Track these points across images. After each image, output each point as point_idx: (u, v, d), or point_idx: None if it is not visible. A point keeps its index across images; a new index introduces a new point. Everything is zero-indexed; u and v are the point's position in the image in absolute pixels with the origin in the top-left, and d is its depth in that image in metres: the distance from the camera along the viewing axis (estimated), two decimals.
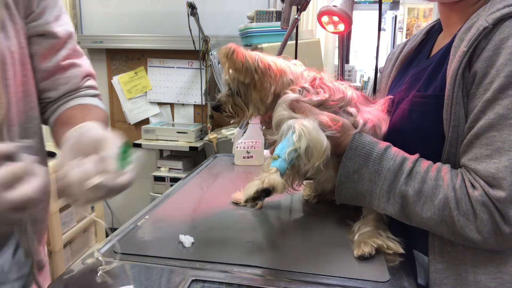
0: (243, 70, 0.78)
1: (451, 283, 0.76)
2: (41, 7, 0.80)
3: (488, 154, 0.69)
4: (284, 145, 0.75)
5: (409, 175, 0.74)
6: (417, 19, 4.29)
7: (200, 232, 0.85)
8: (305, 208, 1.05)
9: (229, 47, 0.76)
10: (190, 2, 2.56)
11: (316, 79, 0.85)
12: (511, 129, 0.67)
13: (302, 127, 0.76)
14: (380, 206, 0.78)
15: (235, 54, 0.76)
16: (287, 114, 0.80)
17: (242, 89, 0.83)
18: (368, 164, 0.77)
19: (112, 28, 2.95)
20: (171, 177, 2.72)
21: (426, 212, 0.72)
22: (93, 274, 0.69)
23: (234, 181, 1.26)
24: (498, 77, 0.68)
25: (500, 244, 0.70)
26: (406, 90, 0.89)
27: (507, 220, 0.67)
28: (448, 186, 0.71)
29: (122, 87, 3.06)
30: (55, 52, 0.83)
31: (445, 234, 0.73)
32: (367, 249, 0.77)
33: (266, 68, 0.80)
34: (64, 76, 0.85)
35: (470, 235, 0.69)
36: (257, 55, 0.81)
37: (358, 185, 0.79)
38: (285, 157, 0.73)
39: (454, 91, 0.73)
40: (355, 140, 0.79)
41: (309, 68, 0.89)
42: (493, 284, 0.73)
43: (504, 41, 0.69)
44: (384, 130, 0.87)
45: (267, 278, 0.69)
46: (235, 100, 0.85)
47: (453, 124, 0.74)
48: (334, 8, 1.33)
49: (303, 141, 0.74)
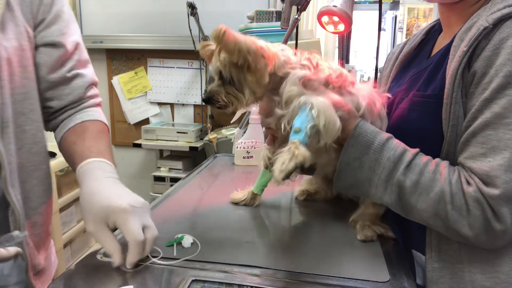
0: (235, 50, 0.75)
1: (448, 282, 0.76)
2: (52, 15, 0.82)
3: (483, 153, 0.69)
4: (304, 119, 0.74)
5: (408, 166, 0.75)
6: (417, 19, 4.30)
7: (200, 232, 0.85)
8: (305, 208, 1.05)
9: (220, 28, 0.73)
10: (190, 2, 2.56)
11: (311, 59, 0.85)
12: (507, 128, 0.68)
13: (319, 103, 0.75)
14: (377, 195, 0.78)
15: (226, 35, 0.74)
16: (298, 89, 0.79)
17: (235, 74, 0.80)
18: (369, 152, 0.77)
19: (112, 28, 2.95)
20: (171, 177, 2.72)
21: (422, 204, 0.73)
22: (93, 274, 0.69)
23: (234, 181, 1.26)
24: (496, 77, 0.69)
25: (492, 242, 0.70)
26: (406, 90, 0.89)
27: (499, 217, 0.67)
28: (445, 180, 0.71)
29: (122, 87, 3.06)
30: (62, 64, 0.85)
31: (439, 228, 0.74)
32: (370, 233, 0.84)
33: (259, 48, 0.77)
34: (68, 87, 0.87)
35: (463, 230, 0.70)
36: (249, 37, 0.78)
37: (358, 172, 0.79)
38: (307, 131, 0.73)
39: (453, 91, 0.73)
40: (358, 128, 0.79)
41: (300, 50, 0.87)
42: (489, 283, 0.73)
43: (503, 41, 0.69)
44: (379, 108, 0.87)
45: (267, 278, 0.69)
46: (227, 89, 0.82)
47: (452, 123, 0.74)
48: (334, 8, 1.33)
49: (322, 118, 0.74)
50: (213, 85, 0.83)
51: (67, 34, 0.84)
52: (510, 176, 0.66)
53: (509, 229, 0.67)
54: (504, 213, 0.67)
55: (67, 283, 0.67)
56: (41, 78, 0.83)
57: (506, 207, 0.66)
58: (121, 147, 3.12)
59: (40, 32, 0.81)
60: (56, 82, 0.85)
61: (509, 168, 0.66)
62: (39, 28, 0.80)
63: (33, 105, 0.81)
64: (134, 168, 3.18)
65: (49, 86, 0.84)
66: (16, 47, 0.75)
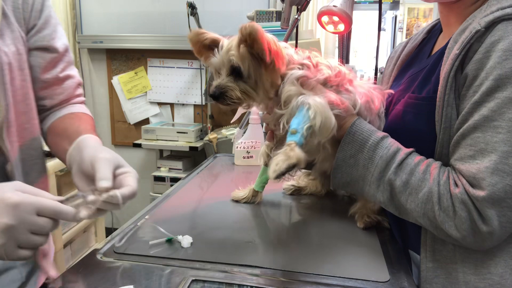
0: (265, 48, 0.75)
1: (442, 282, 0.77)
2: (42, 21, 0.86)
3: (472, 155, 0.70)
4: (300, 120, 0.76)
5: (399, 165, 0.75)
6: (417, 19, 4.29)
7: (200, 232, 0.85)
8: (305, 208, 1.05)
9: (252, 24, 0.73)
10: (190, 2, 2.56)
11: (311, 57, 0.86)
12: (494, 131, 0.68)
13: (316, 103, 0.77)
14: (370, 192, 0.79)
15: (259, 34, 0.74)
16: (296, 89, 0.80)
17: (253, 70, 0.79)
18: (363, 150, 0.79)
19: (112, 28, 2.95)
20: (171, 177, 2.72)
21: (411, 204, 0.74)
22: (93, 274, 0.69)
23: (234, 181, 1.26)
24: (487, 80, 0.69)
25: (479, 243, 0.70)
26: (403, 91, 0.90)
27: (485, 219, 0.67)
28: (434, 181, 0.72)
29: (122, 87, 3.06)
30: (54, 65, 0.90)
31: (428, 227, 0.75)
32: (368, 219, 0.88)
33: (279, 50, 0.79)
34: (60, 87, 0.93)
35: (450, 231, 0.70)
36: (272, 37, 0.79)
37: (353, 170, 0.80)
38: (303, 132, 0.75)
39: (445, 93, 0.74)
40: (354, 126, 0.81)
41: (301, 49, 0.88)
42: (482, 284, 0.73)
43: (494, 44, 0.69)
44: (378, 106, 0.88)
45: (267, 278, 0.69)
46: (241, 86, 0.81)
47: (445, 126, 0.75)
48: (334, 8, 1.33)
49: (318, 118, 0.76)
50: (224, 80, 0.81)
51: (57, 38, 0.90)
52: (496, 179, 0.66)
53: (496, 231, 0.67)
54: (490, 215, 0.67)
55: (67, 283, 0.67)
56: (35, 79, 0.87)
57: (492, 209, 0.67)
58: (121, 147, 3.12)
59: (32, 36, 0.85)
60: (49, 82, 0.89)
61: (495, 171, 0.66)
62: (31, 33, 0.85)
63: (30, 104, 0.85)
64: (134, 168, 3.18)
65: (42, 86, 0.88)
66: (14, 51, 0.79)
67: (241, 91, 0.81)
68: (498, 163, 0.66)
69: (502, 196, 0.66)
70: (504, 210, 0.66)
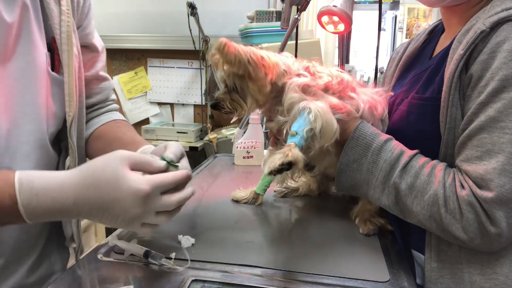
0: (236, 62, 0.79)
1: (447, 282, 0.76)
2: (88, 20, 0.92)
3: (478, 156, 0.70)
4: (301, 124, 0.76)
5: (404, 168, 0.75)
6: (417, 19, 4.30)
7: (200, 232, 0.85)
8: (305, 208, 1.05)
9: (221, 41, 0.77)
10: (190, 2, 2.56)
11: (309, 67, 0.87)
12: (501, 131, 0.68)
13: (317, 107, 0.77)
14: (375, 196, 0.79)
15: (227, 47, 0.77)
16: (298, 96, 0.81)
17: (238, 83, 0.84)
18: (367, 154, 0.78)
19: (112, 28, 2.95)
20: None
21: (416, 207, 0.73)
22: (93, 274, 0.69)
23: (234, 181, 1.26)
24: (492, 80, 0.69)
25: (488, 245, 0.70)
26: (406, 91, 0.89)
27: (493, 220, 0.67)
28: (439, 184, 0.72)
29: (122, 87, 3.06)
30: (94, 63, 0.95)
31: (434, 230, 0.74)
32: (371, 226, 0.86)
33: (259, 58, 0.81)
34: (98, 86, 0.97)
35: (457, 233, 0.70)
36: (250, 48, 0.82)
37: (357, 174, 0.80)
38: (303, 135, 0.75)
39: (450, 94, 0.74)
40: (357, 130, 0.80)
41: (300, 59, 0.90)
42: (488, 284, 0.73)
43: (500, 45, 0.69)
44: (380, 112, 0.88)
45: (267, 278, 0.69)
46: (232, 96, 0.86)
47: (449, 126, 0.75)
48: (334, 8, 1.33)
49: (319, 122, 0.76)
50: (220, 92, 0.88)
51: (96, 37, 0.95)
52: (504, 180, 0.66)
53: (504, 232, 0.67)
54: (498, 216, 0.67)
55: (67, 282, 0.67)
56: None
57: (500, 211, 0.66)
58: None
59: (80, 34, 0.89)
60: (89, 79, 0.93)
61: (503, 172, 0.66)
62: (78, 30, 0.89)
63: (83, 102, 0.91)
64: None
65: None
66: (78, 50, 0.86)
67: (232, 101, 0.86)
68: (506, 164, 0.66)
69: (510, 197, 0.66)
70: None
